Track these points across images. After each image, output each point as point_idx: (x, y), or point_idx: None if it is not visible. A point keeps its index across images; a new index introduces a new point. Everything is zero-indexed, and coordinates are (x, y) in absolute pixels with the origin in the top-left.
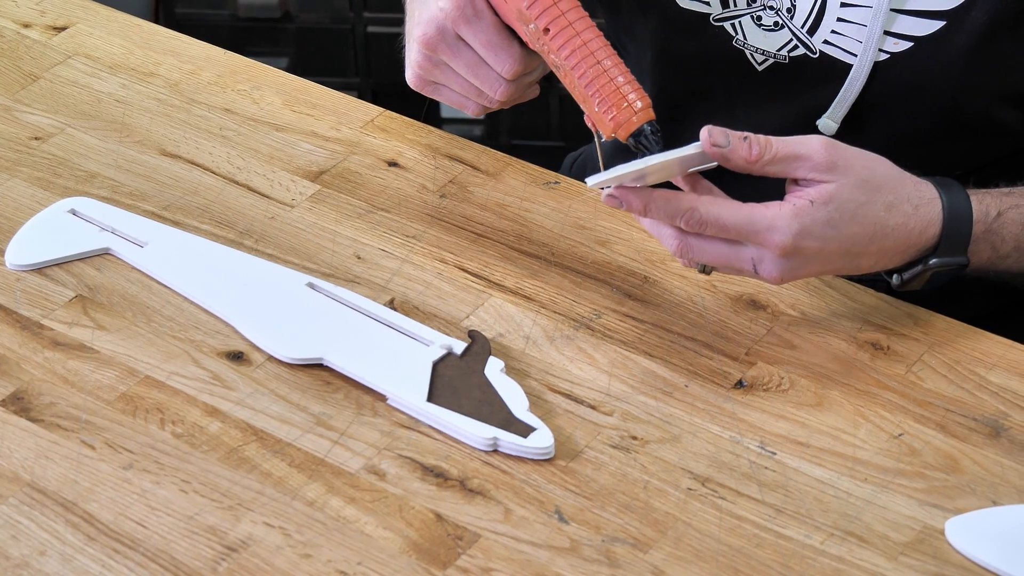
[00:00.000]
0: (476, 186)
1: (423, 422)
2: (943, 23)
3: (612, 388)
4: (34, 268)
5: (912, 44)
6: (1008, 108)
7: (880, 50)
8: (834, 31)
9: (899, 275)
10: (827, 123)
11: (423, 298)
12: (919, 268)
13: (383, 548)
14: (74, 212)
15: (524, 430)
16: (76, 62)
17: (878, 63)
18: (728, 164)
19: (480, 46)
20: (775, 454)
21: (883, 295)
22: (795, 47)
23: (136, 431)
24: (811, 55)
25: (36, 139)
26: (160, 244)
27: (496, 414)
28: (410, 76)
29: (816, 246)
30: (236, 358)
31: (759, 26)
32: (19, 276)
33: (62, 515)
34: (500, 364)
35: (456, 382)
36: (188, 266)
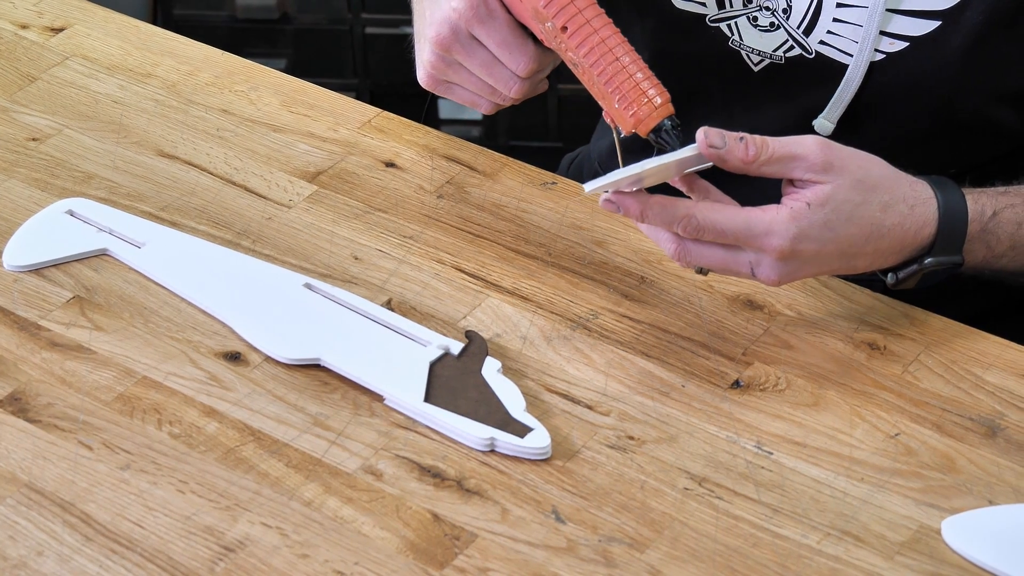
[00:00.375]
0: (473, 186)
1: (420, 422)
2: (939, 23)
3: (609, 388)
4: (32, 269)
5: (908, 44)
6: (1004, 107)
7: (876, 50)
8: (830, 31)
9: (894, 274)
10: (823, 123)
11: (420, 298)
12: (914, 267)
13: (380, 548)
14: (72, 213)
15: (521, 430)
16: (74, 63)
17: (874, 63)
18: (724, 165)
19: (495, 45)
20: (772, 454)
21: (880, 295)
22: (791, 47)
23: (133, 431)
24: (807, 55)
25: (34, 140)
26: (158, 245)
27: (493, 414)
28: (422, 76)
29: (813, 249)
30: (233, 358)
31: (755, 27)
32: (17, 277)
33: (60, 515)
34: (497, 364)
35: (453, 382)
36: (185, 267)
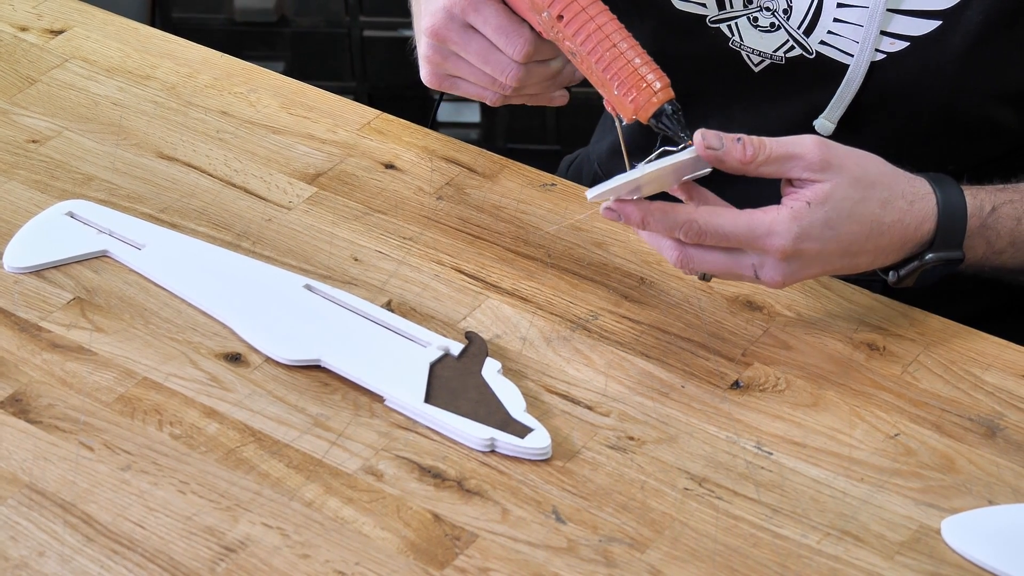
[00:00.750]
0: (473, 188)
1: (420, 423)
2: (939, 23)
3: (609, 389)
4: (32, 270)
5: (908, 44)
6: (1003, 107)
7: (876, 50)
8: (830, 32)
9: (895, 272)
10: (824, 124)
11: (420, 299)
12: (915, 263)
13: (381, 548)
14: (72, 215)
15: (521, 431)
16: (73, 65)
17: (874, 63)
18: (723, 166)
19: (490, 31)
20: (771, 454)
21: (879, 296)
22: (791, 48)
23: (134, 432)
24: (807, 56)
25: (33, 142)
26: (158, 246)
27: (493, 415)
28: (424, 73)
29: (816, 247)
30: (234, 360)
31: (755, 27)
32: (17, 278)
33: (61, 516)
34: (497, 365)
35: (453, 383)
36: (186, 268)
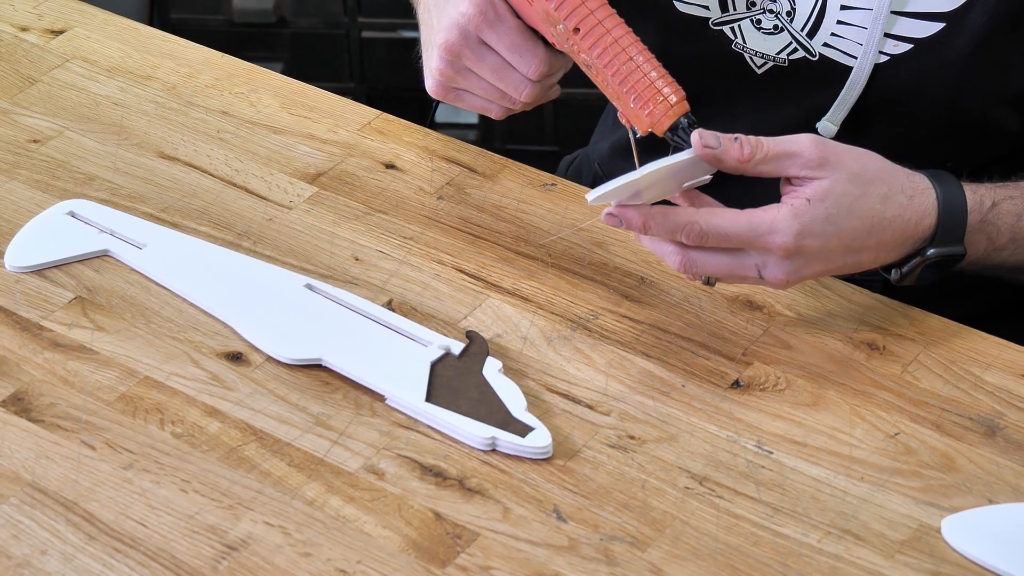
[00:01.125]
0: (473, 188)
1: (422, 422)
2: (943, 25)
3: (609, 388)
4: (33, 270)
5: (912, 46)
6: (1006, 110)
7: (880, 52)
8: (834, 34)
9: (898, 269)
10: (827, 126)
11: (421, 299)
12: (917, 260)
13: (382, 547)
14: (73, 214)
15: (522, 430)
16: (74, 65)
17: (878, 65)
18: (721, 166)
19: (504, 49)
20: (772, 453)
21: (879, 296)
22: (795, 50)
23: (136, 431)
24: (811, 58)
25: (34, 142)
26: (159, 246)
27: (494, 414)
28: (430, 84)
29: (817, 244)
30: (235, 359)
31: (758, 29)
32: (19, 278)
33: (63, 515)
34: (498, 364)
35: (454, 382)
36: (187, 268)
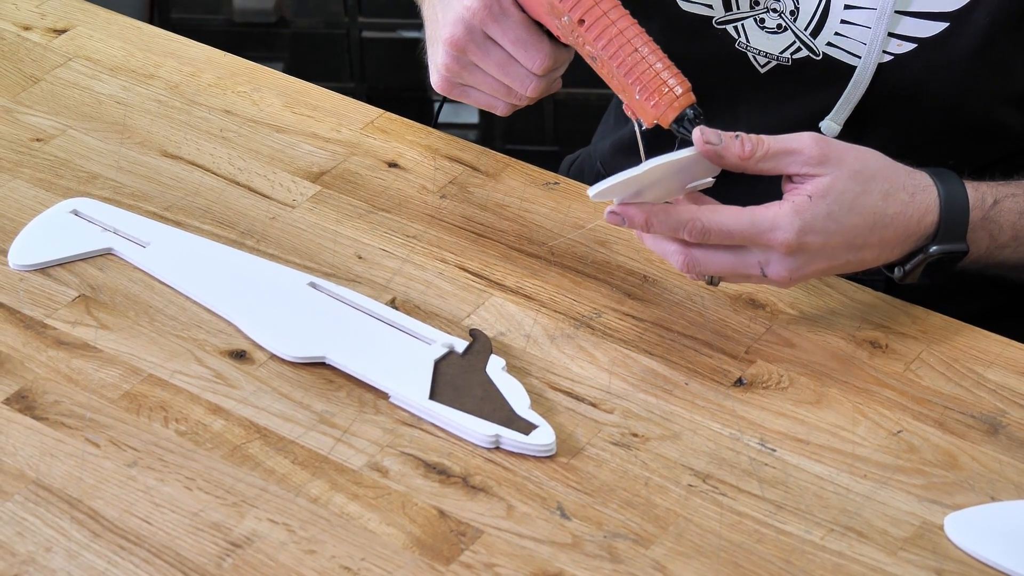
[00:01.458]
0: (476, 187)
1: (425, 420)
2: (947, 24)
3: (613, 386)
4: (37, 268)
5: (916, 46)
6: (1010, 109)
7: (884, 52)
8: (838, 33)
9: (900, 267)
10: (830, 125)
11: (424, 297)
12: (920, 257)
13: (386, 544)
14: (76, 213)
15: (526, 427)
16: (77, 64)
17: (881, 65)
18: (722, 163)
19: (509, 43)
20: (775, 451)
21: (881, 294)
22: (798, 49)
23: (140, 429)
24: (814, 57)
25: (38, 140)
26: (162, 244)
27: (498, 412)
28: (436, 80)
29: (820, 241)
30: (239, 357)
31: (762, 29)
32: (22, 276)
33: (67, 512)
34: (501, 362)
35: (458, 380)
36: (190, 266)
